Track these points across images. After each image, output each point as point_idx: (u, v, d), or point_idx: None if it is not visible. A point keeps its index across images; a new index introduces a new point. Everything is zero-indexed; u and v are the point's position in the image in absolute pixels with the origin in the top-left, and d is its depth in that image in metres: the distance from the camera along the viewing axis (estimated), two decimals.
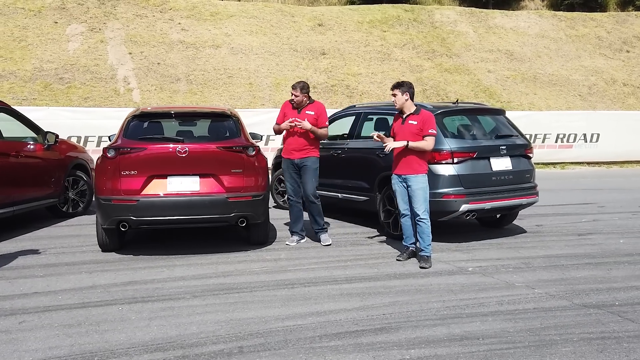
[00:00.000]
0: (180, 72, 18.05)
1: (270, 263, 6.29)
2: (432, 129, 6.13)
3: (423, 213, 6.23)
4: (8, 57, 17.01)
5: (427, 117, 6.19)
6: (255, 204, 6.47)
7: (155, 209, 6.14)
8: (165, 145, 6.25)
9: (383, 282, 5.63)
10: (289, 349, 4.00)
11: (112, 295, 5.12)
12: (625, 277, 5.86)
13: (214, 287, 5.39)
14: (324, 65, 19.84)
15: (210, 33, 19.86)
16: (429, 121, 6.15)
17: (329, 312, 4.74)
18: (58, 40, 18.02)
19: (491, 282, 5.66)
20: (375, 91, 19.36)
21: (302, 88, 6.86)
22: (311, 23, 21.69)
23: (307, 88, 6.92)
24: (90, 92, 16.59)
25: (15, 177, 7.32)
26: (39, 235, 7.56)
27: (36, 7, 19.02)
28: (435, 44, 22.33)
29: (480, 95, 20.29)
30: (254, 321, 4.51)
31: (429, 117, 6.19)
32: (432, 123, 6.16)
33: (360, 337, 4.23)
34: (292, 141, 6.97)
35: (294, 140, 6.95)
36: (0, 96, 15.74)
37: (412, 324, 4.50)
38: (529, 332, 4.38)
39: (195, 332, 4.28)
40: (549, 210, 9.85)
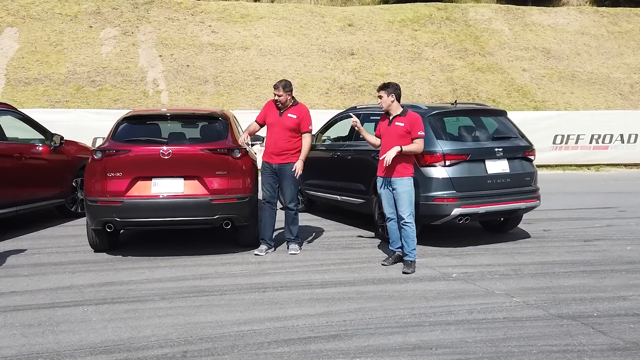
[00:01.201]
0: (208, 74, 18.28)
1: (253, 266, 6.28)
2: (421, 131, 6.00)
3: (408, 217, 6.10)
4: (44, 61, 17.61)
5: (414, 119, 6.05)
6: (240, 206, 6.47)
7: (140, 211, 6.22)
8: (150, 147, 6.32)
9: (358, 287, 5.54)
10: (233, 354, 3.97)
11: (83, 296, 5.21)
12: (616, 287, 5.58)
13: (186, 290, 5.41)
14: (352, 66, 19.74)
15: (239, 35, 20.04)
16: (416, 123, 6.01)
17: (289, 318, 4.69)
18: (92, 44, 18.53)
19: (470, 290, 5.48)
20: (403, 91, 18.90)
21: (285, 87, 6.70)
22: (341, 23, 21.61)
23: (289, 87, 6.77)
24: (120, 95, 17.00)
25: (18, 178, 7.55)
26: (41, 235, 7.79)
27: (73, 12, 19.62)
28: (468, 43, 21.89)
29: (513, 94, 19.80)
30: (210, 325, 4.51)
31: (417, 119, 6.05)
32: (421, 125, 6.03)
33: (310, 344, 4.17)
34: (272, 145, 6.72)
35: (273, 144, 6.71)
36: (34, 99, 16.37)
37: (369, 332, 4.41)
38: (489, 342, 4.22)
39: (148, 335, 4.30)
40: (563, 214, 9.51)
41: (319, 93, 18.35)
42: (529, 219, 8.84)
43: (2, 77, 16.86)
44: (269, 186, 6.79)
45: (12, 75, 16.91)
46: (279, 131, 6.74)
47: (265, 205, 6.82)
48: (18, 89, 16.55)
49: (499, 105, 19.17)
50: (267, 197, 6.80)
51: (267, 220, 6.84)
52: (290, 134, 6.79)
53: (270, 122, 6.78)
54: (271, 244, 6.91)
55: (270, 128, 6.79)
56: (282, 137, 6.74)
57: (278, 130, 6.74)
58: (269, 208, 6.84)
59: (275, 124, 6.75)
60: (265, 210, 6.83)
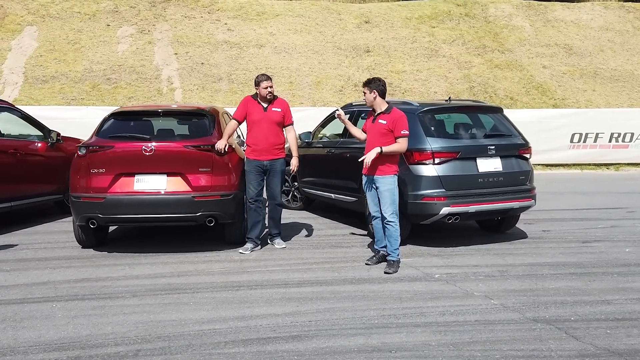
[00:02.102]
0: (222, 71, 18.33)
1: (234, 264, 6.22)
2: (405, 130, 5.84)
3: (390, 216, 5.97)
4: (61, 59, 17.87)
5: (397, 117, 5.91)
6: (224, 203, 6.42)
7: (122, 207, 6.22)
8: (132, 144, 6.31)
9: (334, 287, 5.44)
10: (186, 354, 3.92)
11: (56, 292, 5.22)
12: (602, 290, 5.37)
13: (160, 287, 5.38)
14: (367, 63, 19.58)
15: (255, 33, 20.05)
16: (399, 121, 5.87)
17: (255, 317, 4.62)
18: (109, 42, 18.74)
19: (449, 291, 5.34)
20: (418, 88, 18.89)
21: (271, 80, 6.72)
22: (357, 20, 21.45)
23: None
24: (135, 92, 17.15)
25: (13, 174, 7.63)
26: (36, 230, 7.86)
27: (91, 10, 19.88)
28: (487, 39, 21.53)
29: (531, 92, 19.39)
30: (172, 324, 4.46)
31: (400, 117, 5.90)
32: (404, 123, 5.87)
33: (268, 344, 4.09)
34: (262, 141, 6.63)
35: (264, 140, 6.63)
36: (50, 96, 16.62)
37: (332, 333, 4.31)
38: (452, 346, 4.08)
39: (107, 332, 4.28)
40: (568, 214, 9.24)
41: (333, 90, 18.24)
42: (530, 219, 8.63)
43: (21, 74, 17.16)
44: (256, 184, 6.71)
45: (30, 73, 17.19)
46: (268, 126, 6.68)
47: (252, 204, 6.73)
48: (35, 87, 16.82)
49: (516, 103, 18.84)
50: (255, 195, 6.72)
51: (255, 219, 6.77)
52: (278, 128, 6.77)
53: (255, 119, 6.68)
54: (258, 242, 6.84)
55: (256, 124, 6.69)
56: (271, 132, 6.69)
57: (266, 126, 6.67)
58: (256, 207, 6.76)
59: (263, 120, 6.67)
60: (253, 209, 6.75)
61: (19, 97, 16.38)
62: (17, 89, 16.66)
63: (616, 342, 4.18)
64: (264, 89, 6.66)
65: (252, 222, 6.76)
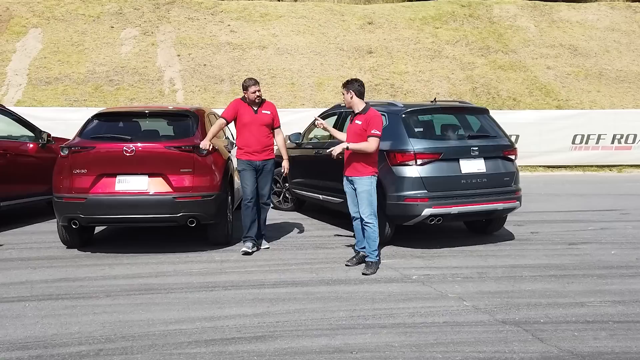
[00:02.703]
0: (224, 73, 18.40)
1: (215, 264, 6.25)
2: (375, 130, 5.83)
3: (368, 217, 5.96)
4: (65, 61, 18.03)
5: (371, 117, 5.90)
6: (205, 204, 6.44)
7: (103, 208, 6.27)
8: (114, 144, 6.36)
9: (309, 287, 5.44)
10: (147, 354, 3.94)
11: (32, 292, 5.27)
12: (579, 292, 5.33)
13: (135, 287, 5.42)
14: (370, 64, 19.56)
15: (257, 34, 20.11)
16: (372, 121, 5.86)
17: (223, 318, 4.63)
18: (112, 44, 18.88)
19: (423, 292, 5.32)
20: (421, 90, 18.84)
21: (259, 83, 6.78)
22: (360, 21, 21.44)
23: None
24: (137, 94, 17.26)
25: (3, 174, 7.71)
26: (24, 231, 7.94)
27: (95, 13, 20.04)
28: (491, 40, 21.43)
29: (535, 93, 19.27)
30: (139, 324, 4.49)
31: (373, 117, 5.89)
32: (376, 123, 5.86)
33: (231, 345, 4.10)
34: (254, 142, 6.70)
35: (256, 142, 6.70)
36: (53, 98, 16.77)
37: (297, 334, 4.31)
38: (415, 347, 4.07)
39: (73, 332, 4.31)
40: (559, 216, 9.17)
41: (335, 92, 18.21)
42: (520, 221, 8.58)
43: (25, 76, 17.34)
44: (251, 184, 6.76)
45: (34, 75, 17.37)
46: (259, 128, 6.73)
47: (249, 203, 6.76)
48: (39, 88, 16.99)
49: (519, 104, 18.74)
50: (249, 194, 6.76)
51: (252, 219, 6.80)
52: (268, 130, 6.83)
53: (246, 121, 6.72)
54: (255, 241, 6.87)
55: (247, 127, 6.73)
56: (263, 134, 6.76)
57: (257, 128, 6.73)
58: (252, 206, 6.79)
59: (254, 122, 6.72)
60: (249, 209, 6.77)
61: (22, 98, 16.56)
62: (20, 91, 16.83)
63: (582, 344, 4.14)
64: (252, 93, 6.69)
65: (249, 221, 6.78)
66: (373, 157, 5.99)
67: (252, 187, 6.74)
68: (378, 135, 5.81)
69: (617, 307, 4.95)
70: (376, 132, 5.80)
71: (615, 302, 5.09)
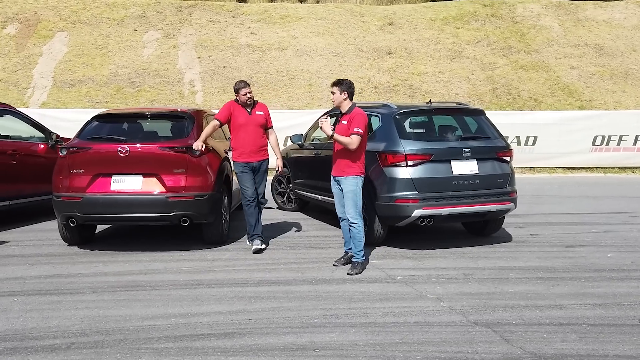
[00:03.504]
0: (243, 74, 18.57)
1: (205, 263, 6.38)
2: (357, 128, 5.87)
3: (353, 217, 6.01)
4: (89, 64, 18.48)
5: (354, 115, 5.96)
6: (198, 203, 6.58)
7: (99, 206, 6.46)
8: (109, 145, 6.54)
9: (291, 287, 5.52)
10: (116, 348, 4.07)
11: (23, 287, 5.48)
12: (561, 295, 5.29)
13: (122, 284, 5.58)
14: (389, 65, 19.53)
15: (277, 36, 20.27)
16: (355, 119, 5.91)
17: (198, 315, 4.75)
18: (135, 47, 19.27)
19: (403, 292, 5.35)
20: (440, 90, 18.73)
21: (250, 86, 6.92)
22: (380, 22, 21.42)
23: None
24: (157, 95, 17.60)
25: (12, 173, 8.00)
26: (32, 228, 8.21)
27: (120, 16, 20.48)
28: (513, 40, 21.15)
29: (557, 93, 18.97)
30: (116, 319, 4.63)
31: (356, 116, 5.94)
32: (359, 122, 5.90)
33: (198, 341, 4.21)
34: (250, 143, 6.82)
35: (252, 143, 6.82)
36: (77, 99, 17.23)
37: (267, 331, 4.40)
38: (378, 346, 4.12)
39: (52, 326, 4.48)
40: (565, 218, 9.06)
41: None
42: (523, 223, 8.52)
43: (50, 79, 17.84)
44: (250, 184, 6.89)
45: (59, 77, 17.85)
46: (254, 129, 6.86)
47: (251, 203, 6.90)
48: (63, 90, 17.46)
49: (540, 104, 18.47)
50: (250, 195, 6.89)
51: (256, 217, 6.95)
52: (262, 131, 6.98)
53: (241, 123, 6.84)
54: (263, 238, 7.02)
55: (242, 128, 6.85)
56: (257, 135, 6.90)
57: (252, 129, 6.86)
58: (253, 205, 6.92)
59: (249, 123, 6.85)
60: (251, 208, 6.92)
61: (47, 100, 17.05)
62: (45, 93, 17.33)
63: (548, 346, 4.13)
64: (244, 96, 6.82)
65: (254, 220, 6.92)
66: (358, 157, 6.03)
67: (251, 188, 6.87)
68: (359, 133, 5.85)
69: (596, 310, 4.90)
70: (358, 130, 5.85)
71: (595, 305, 5.04)
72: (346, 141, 5.87)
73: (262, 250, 6.78)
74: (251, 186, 6.85)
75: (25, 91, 17.33)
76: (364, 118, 5.94)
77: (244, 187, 6.86)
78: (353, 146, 5.85)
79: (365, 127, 5.92)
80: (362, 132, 5.87)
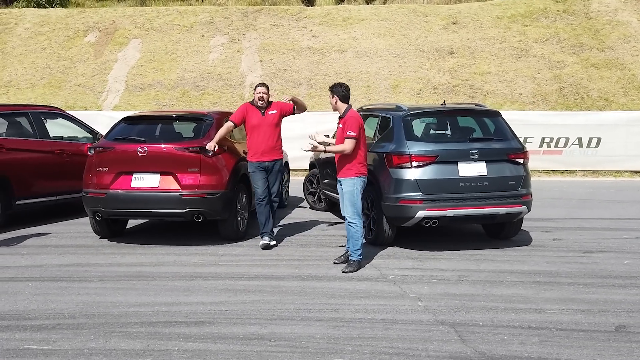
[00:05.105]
0: (302, 77, 19.00)
1: (213, 257, 6.72)
2: (351, 131, 6.00)
3: (350, 217, 6.16)
4: (159, 69, 19.53)
5: (347, 118, 6.10)
6: (210, 201, 6.94)
7: (120, 202, 6.96)
8: (129, 145, 7.03)
9: (281, 282, 5.74)
10: (93, 329, 4.47)
11: (42, 274, 6.03)
12: (547, 299, 5.20)
13: (129, 274, 6.01)
14: (450, 65, 19.28)
15: (338, 38, 20.51)
16: (348, 122, 6.05)
17: (181, 304, 5.07)
18: (201, 52, 20.15)
19: (386, 291, 5.44)
20: (502, 90, 18.29)
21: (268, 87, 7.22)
22: (444, 22, 21.15)
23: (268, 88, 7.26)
24: (219, 98, 18.33)
25: (59, 171, 8.73)
26: (77, 222, 8.87)
27: (189, 22, 21.47)
28: (585, 37, 20.25)
29: (631, 92, 18.00)
30: (106, 305, 5.04)
31: (349, 119, 6.08)
32: (351, 125, 6.03)
33: (168, 327, 4.53)
34: (262, 144, 7.11)
35: (264, 143, 7.11)
36: (145, 102, 18.27)
37: (235, 321, 4.66)
38: (333, 340, 4.27)
39: (49, 308, 4.95)
40: (601, 224, 8.72)
41: (411, 94, 18.21)
42: (550, 227, 8.32)
43: (123, 83, 19.02)
44: (262, 184, 7.19)
45: (130, 82, 19.00)
46: (266, 130, 7.14)
47: (261, 202, 7.20)
48: (134, 94, 18.57)
49: (611, 104, 17.63)
50: (261, 194, 7.19)
51: (266, 216, 7.23)
52: (276, 131, 7.25)
53: (254, 124, 7.15)
54: (273, 235, 7.30)
55: (255, 129, 7.16)
56: (270, 135, 7.18)
57: (265, 130, 7.14)
58: (264, 204, 7.22)
59: (261, 124, 7.14)
60: (261, 206, 7.22)
61: (119, 103, 18.19)
62: (118, 96, 18.50)
63: (501, 348, 4.12)
64: (257, 94, 7.12)
65: (264, 218, 7.22)
66: (357, 159, 6.15)
67: (262, 187, 7.16)
68: (353, 137, 5.98)
69: (575, 316, 4.79)
70: (351, 134, 5.98)
71: (578, 310, 4.92)
72: (340, 149, 6.03)
73: (270, 247, 7.04)
74: (262, 185, 7.12)
75: (100, 95, 18.57)
76: (357, 120, 6.06)
77: (255, 186, 7.15)
78: (348, 150, 6.01)
79: (358, 129, 6.03)
80: (356, 135, 6.00)
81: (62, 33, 20.97)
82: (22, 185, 8.26)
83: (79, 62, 19.75)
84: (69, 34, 20.92)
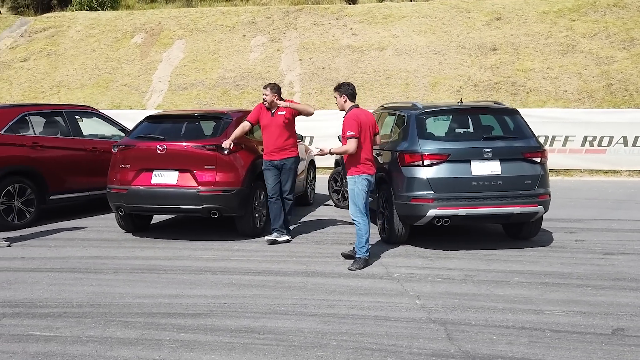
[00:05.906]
0: (341, 75, 19.03)
1: (226, 253, 6.89)
2: (349, 131, 6.06)
3: (354, 215, 6.22)
4: (201, 68, 19.98)
5: (344, 119, 6.19)
6: (226, 197, 7.11)
7: (140, 198, 7.23)
8: (149, 143, 7.28)
9: (285, 277, 5.85)
10: (94, 318, 4.69)
11: (63, 265, 6.34)
12: (549, 301, 5.11)
13: (143, 267, 6.25)
14: (492, 62, 18.93)
15: (378, 36, 20.46)
16: (345, 123, 6.15)
17: (184, 297, 5.25)
18: (243, 52, 20.49)
19: (387, 289, 5.47)
20: (546, 87, 17.84)
21: (272, 88, 7.29)
22: (487, 18, 20.77)
23: (277, 89, 7.30)
24: (258, 97, 18.50)
25: (91, 168, 9.11)
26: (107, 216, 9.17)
27: (231, 23, 21.86)
28: (637, 31, 19.49)
29: None
30: (113, 296, 5.27)
31: (345, 120, 6.19)
32: (348, 125, 6.09)
33: (165, 318, 4.71)
34: (271, 144, 7.28)
35: (273, 143, 7.27)
36: (187, 101, 18.72)
37: (230, 314, 4.79)
38: (320, 334, 4.35)
39: (60, 297, 5.22)
40: (630, 225, 8.46)
41: (450, 92, 17.99)
42: (575, 228, 8.15)
43: (166, 83, 19.55)
44: (272, 181, 7.35)
45: (174, 82, 19.51)
46: (275, 129, 7.30)
47: (272, 199, 7.36)
48: (177, 93, 19.06)
49: None
50: (272, 191, 7.35)
51: (276, 212, 7.38)
52: (285, 130, 7.37)
53: (265, 124, 7.34)
54: (283, 231, 7.43)
55: (265, 129, 7.36)
56: (280, 135, 7.33)
57: (274, 129, 7.31)
58: (275, 201, 7.36)
59: (271, 124, 7.32)
60: (273, 203, 7.37)
61: (162, 102, 18.71)
62: (161, 96, 19.03)
63: (487, 347, 4.10)
64: (263, 95, 7.26)
65: (273, 215, 7.38)
66: (359, 158, 6.19)
67: (273, 184, 7.31)
68: (352, 136, 6.03)
69: (574, 318, 4.70)
70: (350, 134, 6.04)
71: (578, 312, 4.82)
72: (342, 150, 6.12)
73: (276, 242, 7.20)
74: (272, 182, 7.28)
75: (145, 94, 19.15)
76: (353, 120, 6.12)
77: (266, 184, 7.33)
78: (351, 150, 6.08)
79: (356, 127, 6.07)
80: (356, 134, 6.05)
81: (111, 35, 21.71)
82: (56, 181, 8.66)
83: (125, 63, 20.41)
84: (117, 35, 21.64)
